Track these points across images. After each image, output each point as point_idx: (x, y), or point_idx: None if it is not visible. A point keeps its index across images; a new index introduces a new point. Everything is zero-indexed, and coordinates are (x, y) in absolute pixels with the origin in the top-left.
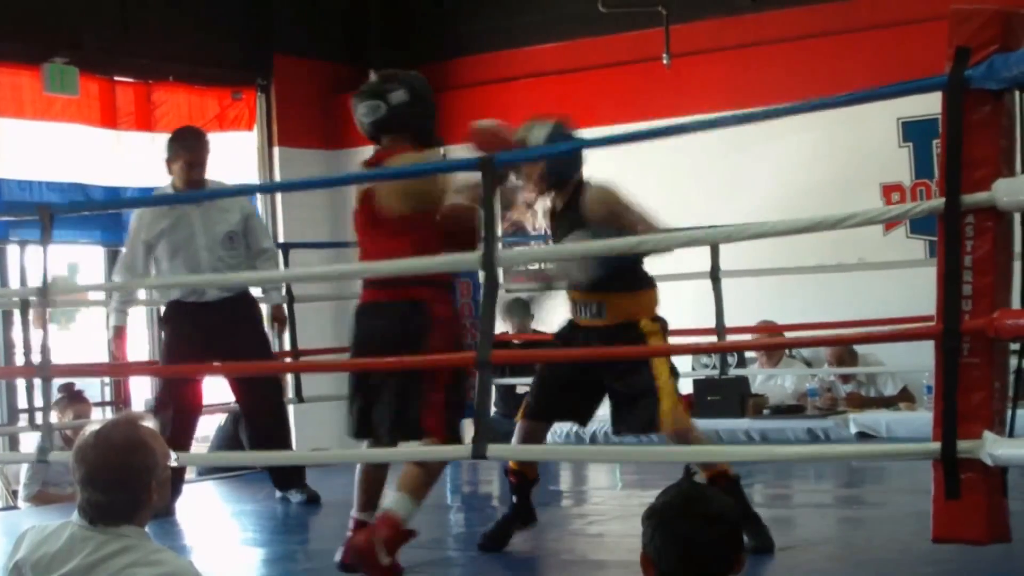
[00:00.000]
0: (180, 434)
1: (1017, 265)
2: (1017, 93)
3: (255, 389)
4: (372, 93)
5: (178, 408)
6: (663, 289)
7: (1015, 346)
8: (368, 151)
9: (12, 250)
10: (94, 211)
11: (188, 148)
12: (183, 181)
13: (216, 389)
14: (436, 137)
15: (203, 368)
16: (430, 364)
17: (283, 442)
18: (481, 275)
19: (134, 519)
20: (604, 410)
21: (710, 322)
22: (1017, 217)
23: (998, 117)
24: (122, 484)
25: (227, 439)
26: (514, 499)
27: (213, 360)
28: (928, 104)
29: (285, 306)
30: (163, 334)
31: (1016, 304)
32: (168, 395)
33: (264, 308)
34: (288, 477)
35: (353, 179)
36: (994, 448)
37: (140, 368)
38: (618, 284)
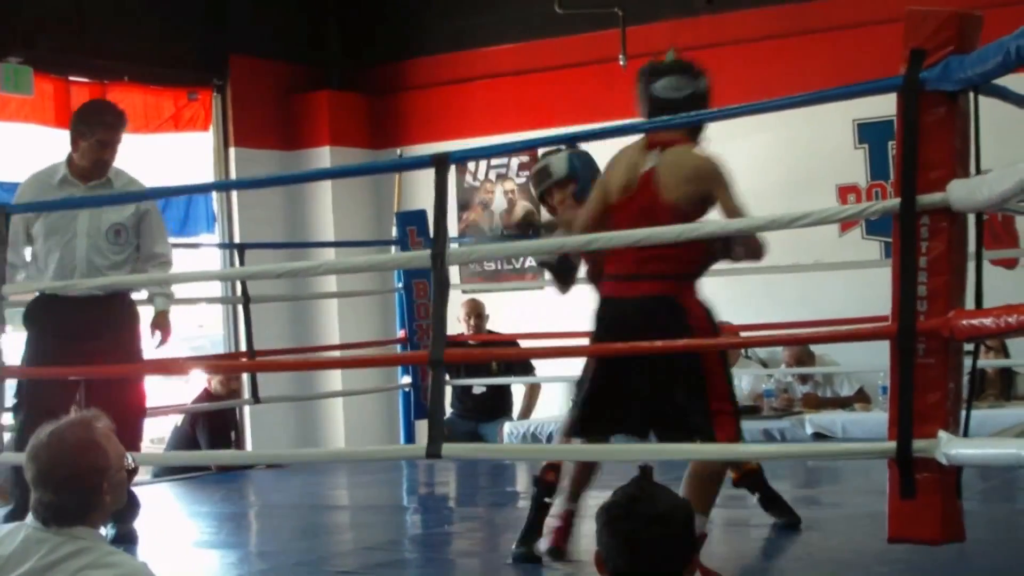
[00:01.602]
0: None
1: (971, 266)
2: (972, 95)
3: (107, 396)
4: (687, 71)
5: (35, 410)
6: None
7: (969, 347)
8: (323, 152)
9: None
10: (51, 211)
11: (107, 125)
12: (91, 161)
13: (169, 390)
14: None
15: (78, 370)
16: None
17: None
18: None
19: (87, 520)
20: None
21: None
22: (971, 218)
23: (953, 119)
24: (73, 485)
25: (183, 440)
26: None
27: (75, 361)
28: (884, 105)
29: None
30: (27, 330)
31: (970, 305)
32: (25, 396)
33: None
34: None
35: (316, 176)
36: (949, 448)
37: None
38: None
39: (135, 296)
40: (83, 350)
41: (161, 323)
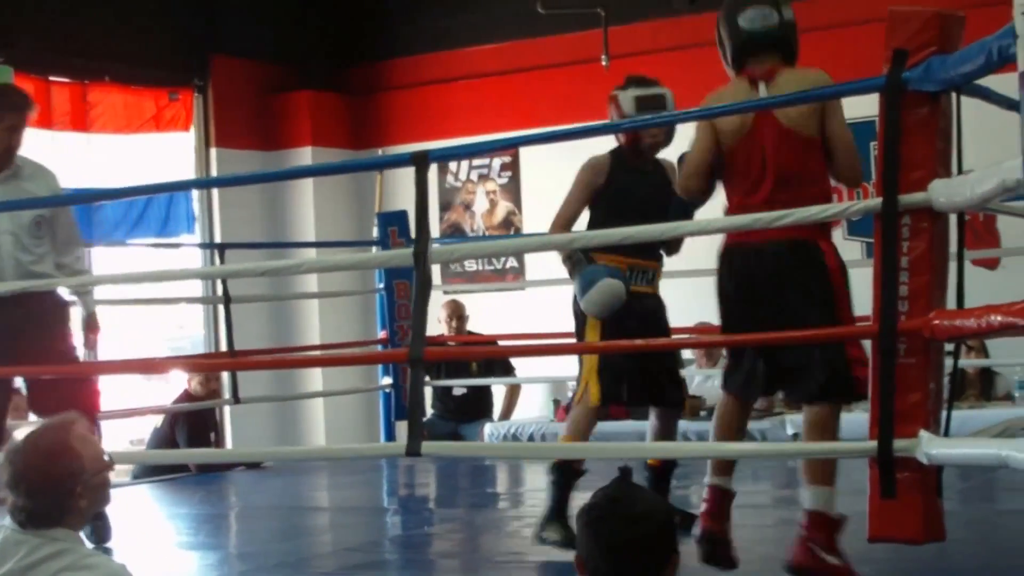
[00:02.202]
0: None
1: (952, 266)
2: (954, 95)
3: (56, 397)
4: (771, 1)
5: None
6: None
7: (950, 347)
8: (304, 153)
9: None
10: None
11: (17, 108)
12: (4, 147)
13: (149, 391)
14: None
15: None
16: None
17: None
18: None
19: (64, 523)
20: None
21: None
22: (952, 218)
23: (935, 119)
24: (46, 489)
25: (162, 441)
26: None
27: (10, 363)
28: (866, 105)
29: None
30: None
31: (952, 305)
32: None
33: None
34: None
35: (287, 174)
36: (930, 448)
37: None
38: (661, 254)
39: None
40: (18, 351)
41: (94, 323)
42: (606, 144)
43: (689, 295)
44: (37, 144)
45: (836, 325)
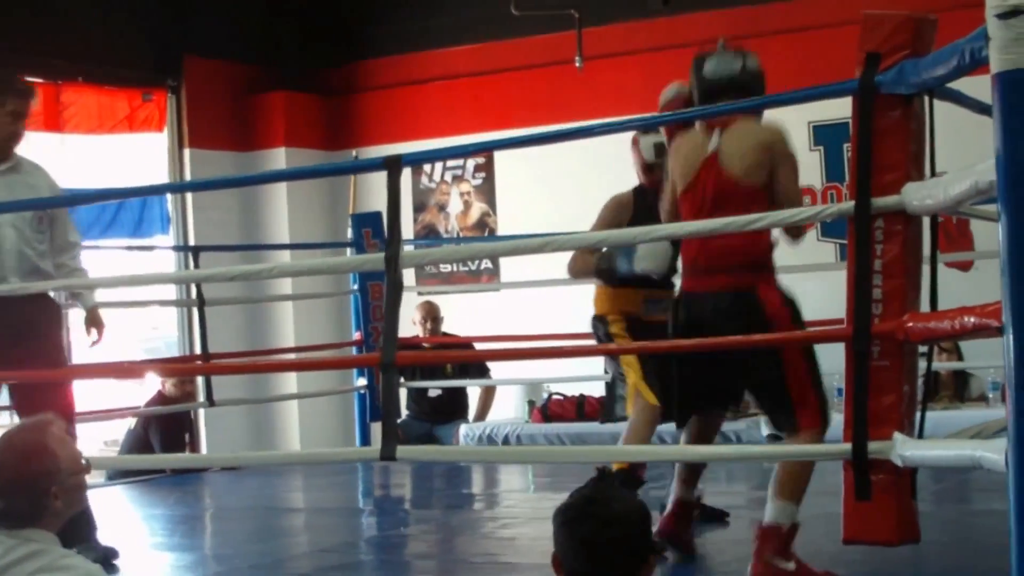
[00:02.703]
0: None
1: (925, 268)
2: (927, 98)
3: (33, 401)
4: (730, 50)
5: None
6: (577, 291)
7: (923, 349)
8: (278, 154)
9: None
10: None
11: (19, 93)
12: (5, 137)
13: (123, 392)
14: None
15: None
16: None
17: None
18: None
19: (39, 524)
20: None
21: None
22: (925, 221)
23: (908, 122)
24: (22, 488)
25: (137, 443)
26: None
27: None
28: (839, 108)
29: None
30: None
31: (925, 307)
32: None
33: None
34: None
35: (267, 178)
36: (904, 449)
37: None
38: (674, 283)
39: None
40: (12, 354)
41: (96, 319)
42: (579, 147)
43: None
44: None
45: (781, 371)
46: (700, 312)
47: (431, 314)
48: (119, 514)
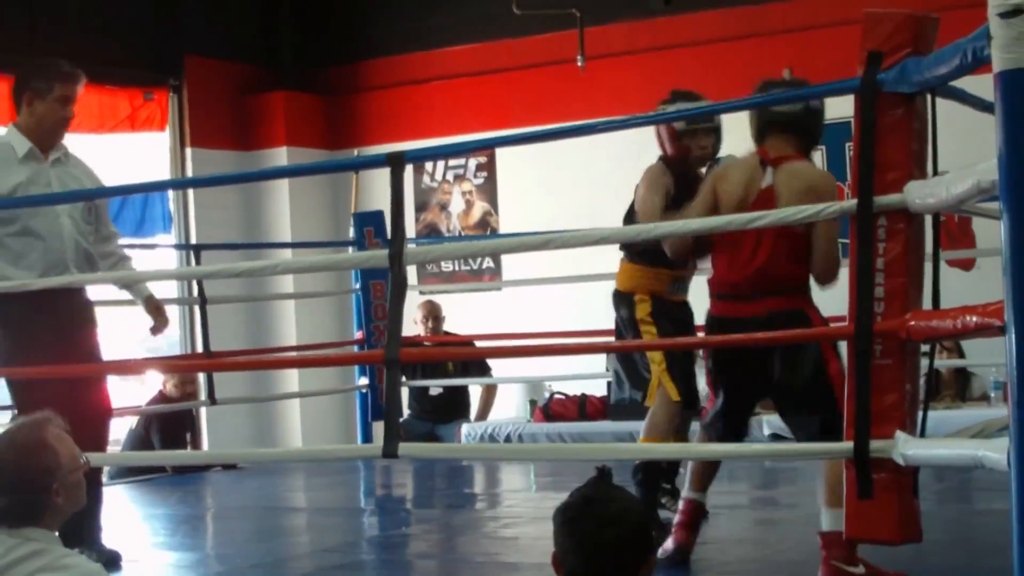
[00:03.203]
0: None
1: (928, 267)
2: (929, 97)
3: (75, 396)
4: (799, 86)
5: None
6: (579, 290)
7: (925, 348)
8: (279, 153)
9: None
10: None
11: (68, 78)
12: (52, 123)
13: (124, 392)
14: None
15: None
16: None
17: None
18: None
19: (40, 522)
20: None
21: None
22: (927, 219)
23: (910, 120)
24: (21, 486)
25: (138, 443)
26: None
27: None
28: (841, 107)
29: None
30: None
31: (927, 306)
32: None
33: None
34: (76, 533)
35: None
36: (906, 448)
37: None
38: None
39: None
40: (70, 346)
41: (157, 305)
42: (580, 145)
43: None
44: None
45: (830, 390)
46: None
47: (432, 313)
48: (121, 513)
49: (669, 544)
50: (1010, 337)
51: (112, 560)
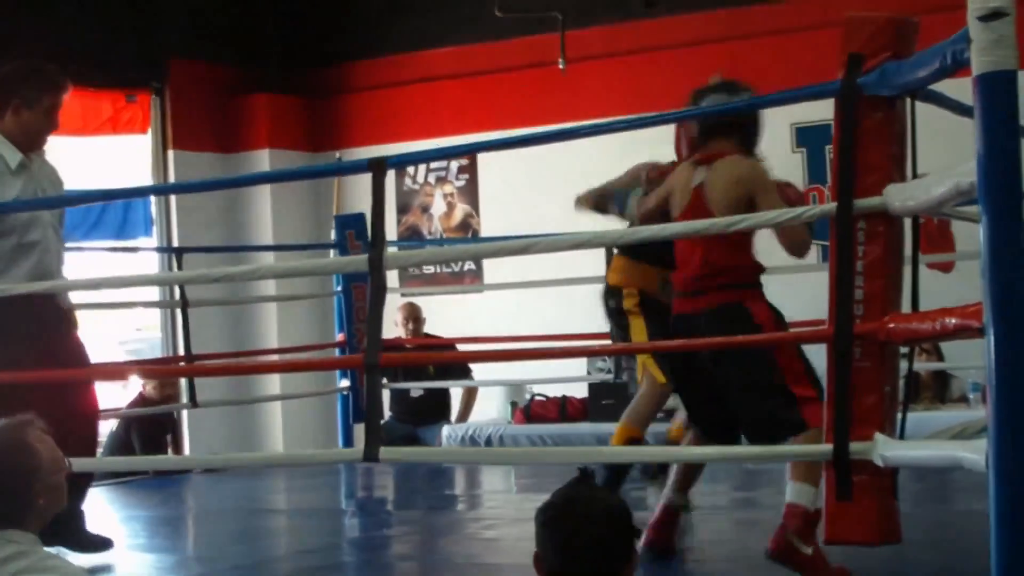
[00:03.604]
0: None
1: (907, 270)
2: (909, 100)
3: (63, 399)
4: (730, 88)
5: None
6: (560, 292)
7: (904, 350)
8: (262, 155)
9: None
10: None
11: (56, 87)
12: (37, 132)
13: (106, 394)
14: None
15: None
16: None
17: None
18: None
19: (22, 524)
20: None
21: (605, 326)
22: (907, 222)
23: (890, 123)
24: (4, 486)
25: (119, 445)
26: None
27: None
28: (822, 110)
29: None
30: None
31: (906, 308)
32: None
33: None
34: (58, 531)
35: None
36: (885, 450)
37: None
38: None
39: None
40: (55, 350)
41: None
42: (562, 148)
43: None
44: None
45: (780, 372)
46: (694, 331)
47: (413, 315)
48: (101, 516)
49: (642, 541)
50: (989, 339)
51: (103, 544)
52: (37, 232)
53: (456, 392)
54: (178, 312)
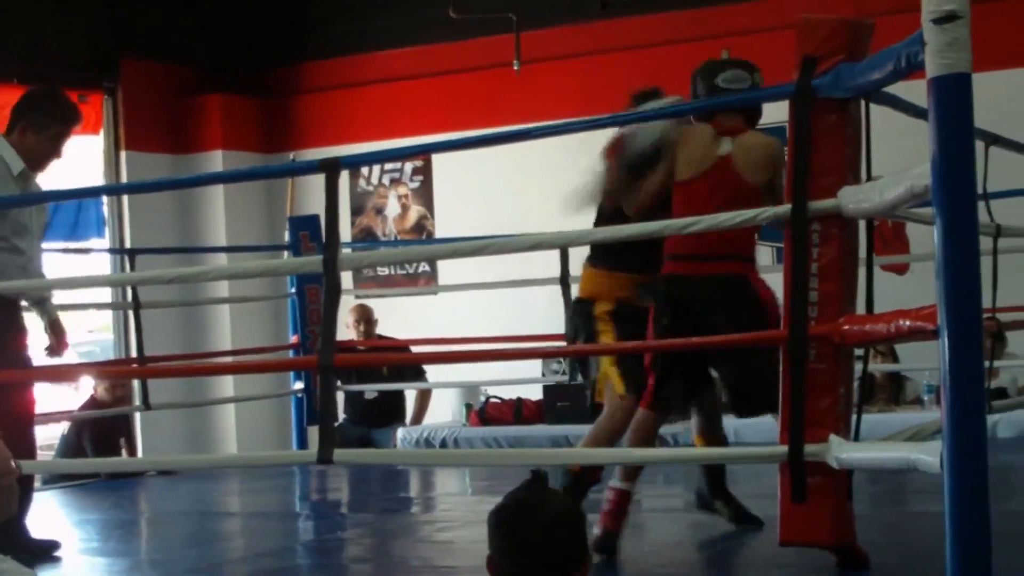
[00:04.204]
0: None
1: (861, 272)
2: (863, 102)
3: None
4: (746, 66)
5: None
6: (515, 294)
7: (859, 352)
8: (215, 156)
9: None
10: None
11: (64, 119)
12: (43, 155)
13: (58, 397)
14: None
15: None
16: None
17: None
18: None
19: None
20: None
21: (560, 327)
22: (861, 224)
23: (844, 125)
24: None
25: (71, 448)
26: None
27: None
28: (776, 112)
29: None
30: None
31: (861, 310)
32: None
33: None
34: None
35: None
36: (840, 452)
37: None
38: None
39: None
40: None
41: (60, 329)
42: (516, 149)
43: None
44: None
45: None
46: (691, 293)
47: (364, 316)
48: (53, 519)
49: (596, 531)
50: (943, 341)
51: (51, 547)
52: (25, 241)
53: (411, 394)
54: (130, 314)
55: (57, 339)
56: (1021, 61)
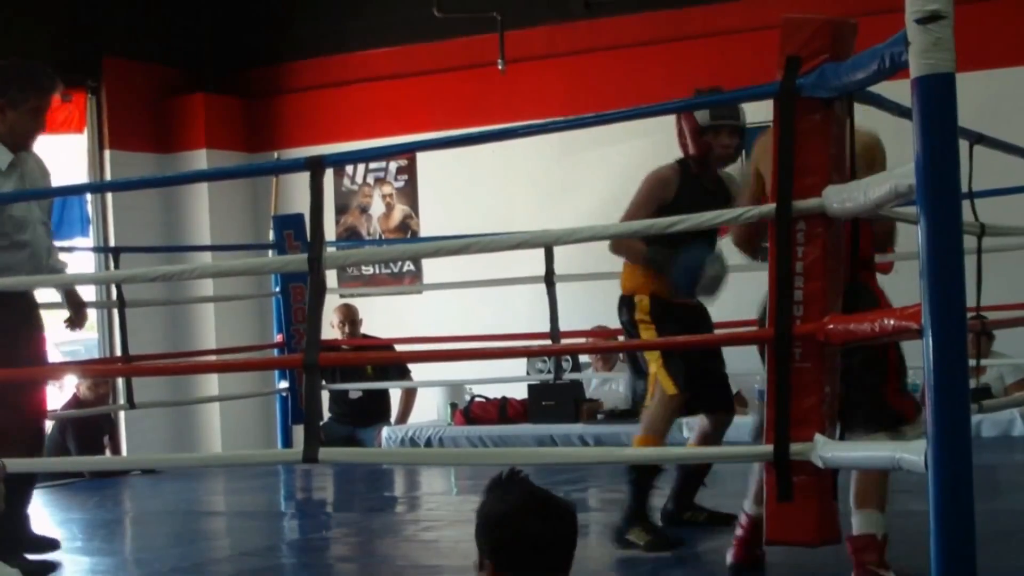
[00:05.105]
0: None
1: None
2: (847, 101)
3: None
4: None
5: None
6: (499, 293)
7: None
8: (199, 155)
9: None
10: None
11: (43, 89)
12: (24, 133)
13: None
14: None
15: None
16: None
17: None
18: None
19: None
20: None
21: (545, 326)
22: None
23: (828, 125)
24: None
25: (54, 447)
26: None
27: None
28: (760, 112)
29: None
30: None
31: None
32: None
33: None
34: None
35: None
36: (825, 451)
37: None
38: None
39: None
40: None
41: (81, 301)
42: (500, 149)
43: (585, 298)
44: None
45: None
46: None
47: (349, 316)
48: (37, 519)
49: (729, 559)
50: (927, 340)
51: (50, 545)
52: (27, 232)
53: (395, 393)
54: (115, 312)
55: (76, 312)
56: (1005, 61)
